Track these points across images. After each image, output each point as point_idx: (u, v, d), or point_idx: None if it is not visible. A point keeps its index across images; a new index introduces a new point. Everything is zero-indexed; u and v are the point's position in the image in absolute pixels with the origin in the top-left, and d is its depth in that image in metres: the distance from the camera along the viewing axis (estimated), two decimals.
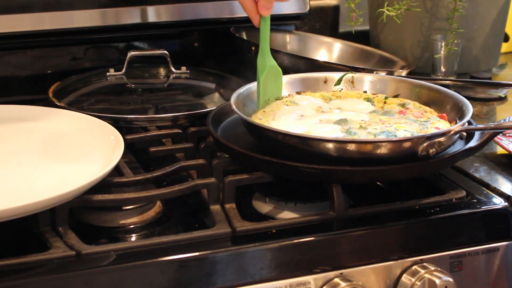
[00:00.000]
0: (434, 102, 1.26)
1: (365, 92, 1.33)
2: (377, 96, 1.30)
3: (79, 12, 1.53)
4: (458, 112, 1.20)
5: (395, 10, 1.51)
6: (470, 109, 1.18)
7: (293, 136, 1.10)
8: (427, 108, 1.25)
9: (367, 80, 1.34)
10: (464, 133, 1.14)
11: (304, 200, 1.16)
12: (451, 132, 1.10)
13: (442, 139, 1.09)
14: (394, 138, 1.10)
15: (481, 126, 1.19)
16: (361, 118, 1.21)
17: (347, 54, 1.39)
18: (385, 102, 1.28)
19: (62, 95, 1.45)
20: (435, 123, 1.18)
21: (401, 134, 1.12)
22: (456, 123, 1.17)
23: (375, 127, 1.16)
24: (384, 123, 1.18)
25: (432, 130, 1.14)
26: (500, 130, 1.21)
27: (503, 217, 1.14)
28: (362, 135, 1.12)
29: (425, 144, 1.07)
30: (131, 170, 1.18)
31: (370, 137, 1.11)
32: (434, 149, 1.08)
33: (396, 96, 1.30)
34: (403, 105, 1.26)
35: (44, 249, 1.00)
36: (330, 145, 1.08)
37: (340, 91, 1.33)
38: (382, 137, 1.11)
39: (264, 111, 1.23)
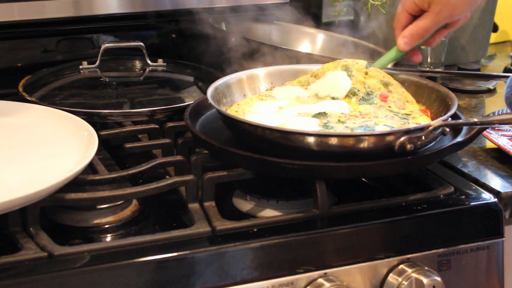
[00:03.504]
0: (420, 95, 1.25)
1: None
2: (357, 63, 1.27)
3: (50, 2, 1.52)
4: (444, 106, 1.20)
5: None
6: (455, 103, 1.17)
7: (267, 129, 1.09)
8: (409, 97, 1.23)
9: None
10: (447, 129, 1.13)
11: (287, 197, 1.15)
12: (430, 128, 1.09)
13: (420, 134, 1.08)
14: (369, 132, 1.09)
15: (462, 121, 1.18)
16: (341, 111, 1.20)
17: (331, 45, 1.39)
18: (366, 73, 1.25)
19: (33, 89, 1.44)
20: (417, 118, 1.17)
21: (380, 128, 1.12)
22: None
23: (354, 121, 1.15)
24: (364, 117, 1.17)
25: (413, 125, 1.13)
26: (485, 126, 1.20)
27: (493, 213, 1.14)
28: (339, 129, 1.12)
29: (402, 139, 1.06)
30: (106, 168, 1.18)
31: (347, 131, 1.11)
32: (412, 145, 1.07)
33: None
34: (386, 85, 1.24)
35: (15, 250, 0.98)
36: (302, 138, 1.07)
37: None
38: (358, 131, 1.10)
39: (239, 104, 1.23)
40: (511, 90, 1.16)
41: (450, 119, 1.14)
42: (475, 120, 1.13)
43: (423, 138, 1.08)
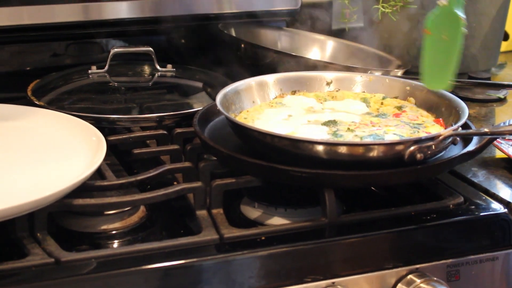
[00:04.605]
0: (430, 104, 1.25)
1: (363, 92, 1.31)
2: (374, 96, 1.28)
3: (60, 6, 1.52)
4: (454, 116, 1.19)
5: (390, 7, 1.50)
6: (465, 112, 1.16)
7: (276, 136, 1.09)
8: (424, 112, 1.23)
9: (359, 80, 1.32)
10: (457, 138, 1.12)
11: (295, 205, 1.14)
12: (440, 137, 1.08)
13: (430, 143, 1.07)
14: (378, 141, 1.09)
15: (472, 131, 1.18)
16: (351, 119, 1.19)
17: (340, 52, 1.38)
18: (382, 103, 1.26)
19: (41, 93, 1.43)
20: (428, 127, 1.16)
21: (390, 137, 1.11)
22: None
23: (364, 129, 1.15)
24: (374, 126, 1.16)
25: (423, 135, 1.12)
26: (495, 136, 1.19)
27: (503, 224, 1.13)
28: (349, 138, 1.11)
29: (412, 148, 1.06)
30: (114, 173, 1.17)
31: (356, 140, 1.10)
32: (422, 154, 1.06)
33: (395, 98, 1.29)
34: (399, 108, 1.25)
35: (22, 256, 0.98)
36: (311, 147, 1.06)
37: (337, 91, 1.31)
38: (368, 140, 1.10)
39: (248, 111, 1.22)
40: None
41: (460, 128, 1.13)
42: (486, 130, 1.13)
43: (433, 147, 1.07)
